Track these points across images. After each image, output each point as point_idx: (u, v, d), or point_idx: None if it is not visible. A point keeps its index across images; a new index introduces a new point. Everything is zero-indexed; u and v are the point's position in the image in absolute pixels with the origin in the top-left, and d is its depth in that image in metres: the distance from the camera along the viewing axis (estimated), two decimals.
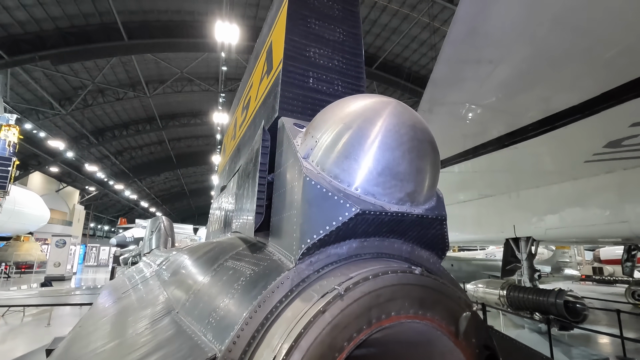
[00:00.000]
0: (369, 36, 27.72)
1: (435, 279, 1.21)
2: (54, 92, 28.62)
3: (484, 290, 9.16)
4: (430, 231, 1.47)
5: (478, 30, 2.81)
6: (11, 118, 22.67)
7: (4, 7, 20.28)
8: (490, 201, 10.29)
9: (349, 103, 1.34)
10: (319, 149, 1.35)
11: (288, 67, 1.80)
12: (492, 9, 2.57)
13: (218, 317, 1.35)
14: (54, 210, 38.10)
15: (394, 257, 1.43)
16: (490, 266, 17.40)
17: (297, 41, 1.86)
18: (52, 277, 19.04)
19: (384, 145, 1.22)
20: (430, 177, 1.35)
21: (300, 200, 1.27)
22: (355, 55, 2.03)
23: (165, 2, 23.27)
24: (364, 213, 1.22)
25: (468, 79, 3.53)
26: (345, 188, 1.27)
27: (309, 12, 1.94)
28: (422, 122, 1.33)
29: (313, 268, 1.26)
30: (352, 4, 2.14)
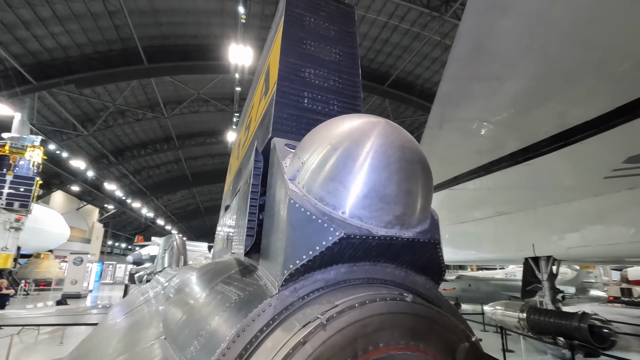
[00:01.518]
0: (380, 55, 28.08)
1: (428, 307, 1.13)
2: (77, 114, 29.84)
3: (502, 312, 8.74)
4: (424, 255, 1.40)
5: (482, 47, 2.78)
6: (36, 139, 23.65)
7: (34, 36, 21.53)
8: (507, 219, 9.98)
9: (337, 124, 1.31)
10: (305, 170, 1.31)
11: (282, 88, 1.81)
12: (495, 26, 2.55)
13: (199, 346, 1.30)
14: (74, 228, 39.03)
15: (386, 283, 1.36)
16: (510, 286, 16.72)
17: (292, 62, 1.87)
18: (68, 295, 19.31)
19: (370, 167, 1.18)
20: (421, 199, 1.29)
21: (285, 223, 1.23)
22: (352, 74, 2.03)
23: (183, 27, 24.27)
24: (349, 237, 1.17)
25: (475, 96, 3.48)
26: (330, 211, 1.22)
27: (305, 34, 1.95)
28: (412, 142, 1.28)
29: (297, 295, 1.20)
30: (348, 25, 2.15)
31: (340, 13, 2.17)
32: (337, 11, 2.16)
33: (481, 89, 3.36)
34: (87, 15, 21.35)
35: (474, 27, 2.61)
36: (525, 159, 5.19)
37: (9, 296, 13.63)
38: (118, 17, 21.78)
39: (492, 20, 2.50)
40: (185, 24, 24.04)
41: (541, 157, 4.97)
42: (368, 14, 24.01)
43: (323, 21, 2.05)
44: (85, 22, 21.81)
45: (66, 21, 21.31)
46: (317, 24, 2.02)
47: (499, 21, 2.49)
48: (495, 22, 2.50)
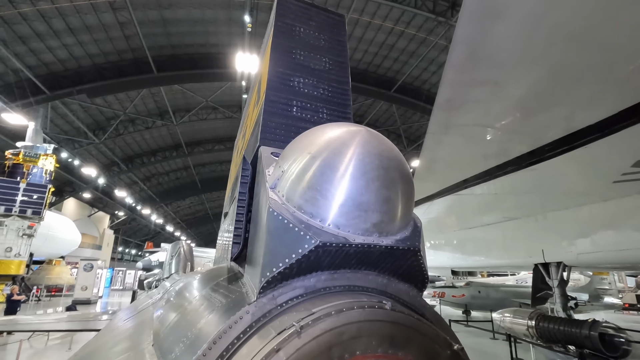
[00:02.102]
0: (386, 61, 28.15)
1: (409, 314, 1.12)
2: (89, 123, 30.46)
3: (511, 320, 8.56)
4: (405, 263, 1.39)
5: (479, 52, 2.77)
6: (49, 148, 24.19)
7: (48, 47, 22.13)
8: (515, 224, 9.83)
9: (317, 133, 1.32)
10: (284, 179, 1.33)
11: (271, 97, 1.83)
12: (490, 31, 2.54)
13: (179, 353, 1.31)
14: (85, 235, 39.63)
15: (368, 291, 1.35)
16: (521, 293, 16.39)
17: (281, 72, 1.90)
18: (78, 301, 19.57)
19: (347, 175, 1.18)
20: (400, 207, 1.29)
21: (264, 231, 1.25)
22: (342, 83, 2.04)
23: (191, 36, 24.71)
24: (324, 245, 1.18)
25: (475, 101, 3.46)
26: (308, 219, 1.23)
27: (294, 44, 1.98)
28: (392, 150, 1.27)
29: (276, 302, 1.21)
30: (339, 34, 2.17)
31: (330, 22, 2.20)
32: (328, 21, 2.19)
33: (481, 94, 3.34)
34: (99, 26, 21.89)
35: (469, 32, 2.61)
36: (530, 164, 5.13)
37: (20, 302, 13.89)
38: (128, 27, 22.28)
39: (487, 26, 2.49)
40: (194, 33, 24.47)
41: (547, 161, 4.90)
42: (374, 20, 24.15)
43: (313, 31, 2.07)
44: (96, 33, 22.36)
45: (78, 32, 21.87)
46: (307, 33, 2.05)
47: (493, 26, 2.48)
48: (490, 27, 2.50)
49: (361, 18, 24.01)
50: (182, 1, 21.54)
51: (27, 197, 21.21)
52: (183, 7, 22.02)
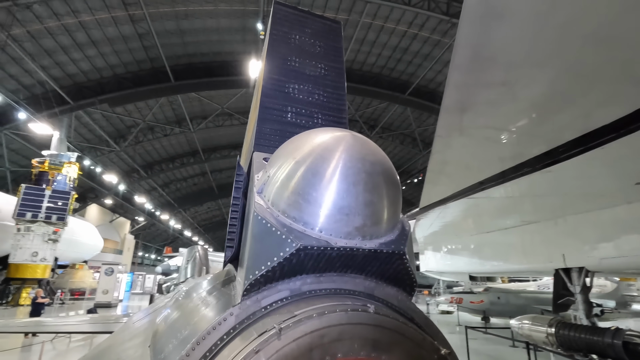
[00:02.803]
0: (400, 64, 28.03)
1: (394, 318, 1.11)
2: (110, 131, 31.51)
3: (529, 327, 8.26)
4: (391, 266, 1.38)
5: (483, 54, 2.73)
6: (72, 156, 25.13)
7: (72, 60, 23.09)
8: (534, 228, 9.55)
9: (302, 138, 1.35)
10: (270, 184, 1.35)
11: (265, 104, 1.87)
12: (493, 31, 2.49)
13: (167, 354, 1.34)
14: (107, 240, 40.79)
15: (354, 294, 1.35)
16: (542, 299, 15.84)
17: (276, 79, 1.93)
18: (100, 304, 20.11)
19: (328, 179, 1.20)
20: (385, 210, 1.29)
21: (249, 235, 1.28)
22: (337, 88, 2.06)
23: (207, 45, 25.30)
24: (305, 248, 1.19)
25: (483, 103, 3.40)
26: (291, 223, 1.25)
27: (289, 51, 2.01)
28: (376, 154, 1.27)
29: (260, 305, 1.22)
30: (335, 40, 2.19)
31: (326, 29, 2.22)
32: (324, 27, 2.22)
33: (488, 96, 3.28)
34: (119, 38, 22.71)
35: (472, 34, 2.57)
36: (546, 165, 4.99)
37: (44, 305, 14.40)
38: (147, 38, 23.02)
39: (489, 26, 2.45)
40: (209, 42, 25.05)
41: (563, 162, 4.76)
42: (387, 23, 24.12)
43: (309, 38, 2.10)
44: (117, 44, 23.19)
45: (100, 44, 22.74)
46: (303, 40, 2.08)
47: (495, 26, 2.44)
48: (492, 27, 2.46)
49: (374, 22, 24.03)
50: (198, 11, 22.11)
51: (52, 203, 22.03)
52: (199, 17, 22.59)
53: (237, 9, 22.20)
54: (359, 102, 33.12)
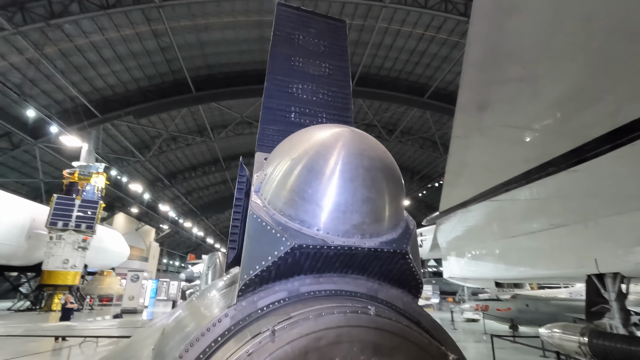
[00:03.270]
0: (418, 67, 27.73)
1: (397, 321, 1.05)
2: (136, 142, 32.66)
3: (560, 336, 7.83)
4: (394, 267, 1.33)
5: (497, 50, 2.62)
6: (100, 167, 26.18)
7: (99, 75, 24.17)
8: (564, 231, 9.12)
9: (299, 136, 1.32)
10: (267, 182, 1.33)
11: (268, 105, 1.87)
12: (506, 26, 2.39)
13: (164, 354, 1.32)
14: (133, 247, 42.04)
15: (356, 296, 1.30)
16: (574, 307, 15.03)
17: (279, 79, 1.93)
18: (126, 310, 20.69)
19: (324, 176, 1.15)
20: (386, 207, 1.23)
21: (246, 234, 1.25)
22: (342, 87, 2.03)
23: (226, 55, 25.91)
24: (301, 247, 1.16)
25: (500, 101, 3.27)
26: (286, 221, 1.22)
27: (293, 51, 2.01)
28: (375, 150, 1.23)
29: (256, 306, 1.19)
30: (339, 40, 2.17)
31: (331, 29, 2.21)
32: (328, 27, 2.20)
33: (506, 93, 3.16)
34: (143, 52, 23.62)
35: (484, 30, 2.48)
36: (572, 165, 4.77)
37: (73, 310, 14.93)
38: (169, 52, 23.82)
39: (502, 21, 2.35)
40: (229, 52, 25.65)
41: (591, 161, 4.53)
42: (403, 27, 23.98)
43: (313, 37, 2.09)
44: (141, 59, 24.12)
45: (125, 59, 23.71)
46: (307, 40, 2.07)
47: (509, 21, 2.35)
48: (505, 22, 2.36)
49: (390, 26, 23.94)
50: (217, 24, 22.71)
51: (82, 212, 22.95)
52: (218, 29, 23.20)
53: (255, 19, 22.66)
54: (377, 107, 32.91)
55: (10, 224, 21.34)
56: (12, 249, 22.06)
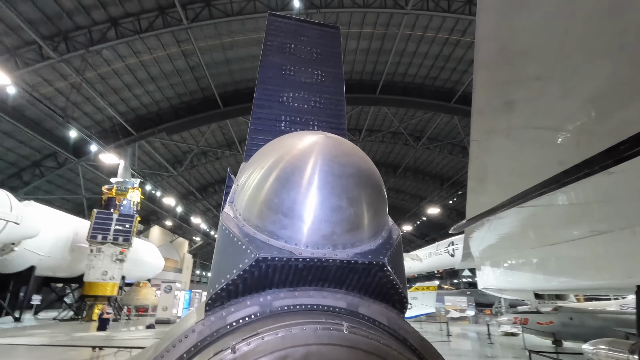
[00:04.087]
0: (444, 72, 27.20)
1: (374, 338, 0.96)
2: (168, 157, 34.09)
3: (606, 353, 7.18)
4: (373, 279, 1.23)
5: (510, 48, 2.47)
6: (135, 182, 27.49)
7: (134, 95, 25.61)
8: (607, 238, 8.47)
9: (272, 144, 1.26)
10: (238, 193, 1.28)
11: (257, 115, 1.85)
12: (516, 23, 2.25)
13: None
14: (168, 259, 43.51)
15: (334, 311, 1.22)
16: (626, 321, 13.80)
17: (270, 89, 1.91)
18: (160, 320, 21.31)
19: (291, 185, 1.10)
20: (361, 216, 1.15)
21: (215, 246, 1.22)
22: (335, 93, 1.97)
23: (252, 71, 26.63)
24: (266, 260, 1.10)
25: (519, 101, 3.08)
26: (254, 233, 1.17)
27: (283, 60, 1.99)
28: (350, 155, 1.15)
29: (225, 321, 1.14)
30: (332, 46, 2.13)
31: (324, 36, 2.17)
32: (322, 34, 2.17)
33: (526, 93, 2.98)
34: (174, 72, 24.80)
35: (493, 28, 2.35)
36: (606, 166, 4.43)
37: (109, 320, 15.56)
38: (198, 70, 24.85)
39: (511, 18, 2.23)
40: (254, 68, 26.34)
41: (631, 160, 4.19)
42: (427, 33, 23.68)
43: (305, 45, 2.07)
44: (172, 78, 25.32)
45: (158, 80, 24.99)
46: (299, 49, 2.05)
47: (518, 17, 2.21)
48: (515, 18, 2.23)
49: (413, 33, 23.71)
50: (243, 41, 23.48)
51: (119, 226, 24.11)
52: (243, 46, 23.98)
53: None
54: (402, 114, 32.50)
55: (55, 238, 22.77)
56: (57, 261, 23.49)
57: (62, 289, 30.54)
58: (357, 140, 34.99)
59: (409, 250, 49.11)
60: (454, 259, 26.67)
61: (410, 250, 46.14)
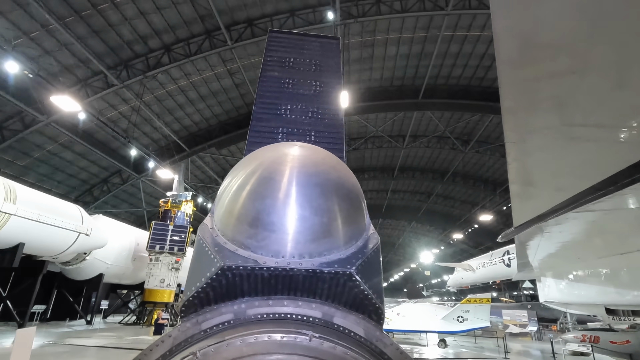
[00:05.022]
0: (491, 71, 25.86)
1: (344, 351, 0.92)
2: (218, 171, 35.93)
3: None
4: (344, 289, 1.20)
5: (534, 41, 2.29)
6: (188, 195, 29.29)
7: (186, 114, 27.49)
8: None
9: (249, 156, 1.29)
10: (215, 204, 1.33)
11: (255, 128, 1.90)
12: (537, 15, 2.08)
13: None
14: None
15: (307, 321, 1.19)
16: None
17: (268, 102, 1.96)
18: None
19: (256, 195, 1.11)
20: (327, 225, 1.13)
21: (192, 255, 1.27)
22: (333, 103, 1.96)
23: None
24: (230, 268, 1.12)
25: (554, 97, 2.83)
26: (225, 242, 1.20)
27: (282, 74, 2.03)
28: (319, 165, 1.15)
29: (200, 327, 1.16)
30: (332, 56, 2.13)
31: (324, 47, 2.19)
32: (321, 46, 2.19)
33: (558, 88, 2.74)
34: (221, 90, 26.29)
35: (512, 23, 2.19)
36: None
37: (164, 325, 16.55)
38: (243, 87, 26.11)
39: (531, 10, 2.07)
40: None
41: None
42: (470, 32, 22.77)
43: (304, 58, 2.10)
44: (219, 96, 26.86)
45: (207, 98, 26.64)
46: (298, 61, 2.08)
47: (539, 8, 2.04)
48: (536, 10, 2.06)
49: (455, 33, 22.93)
50: None
51: (175, 236, 25.77)
52: None
53: None
54: (448, 118, 31.32)
55: (120, 248, 24.99)
56: (121, 269, 25.69)
57: (126, 295, 33.24)
58: (400, 147, 34.31)
59: (460, 259, 46.58)
60: (510, 269, 24.84)
61: (462, 259, 43.73)
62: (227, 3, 19.90)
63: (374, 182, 43.98)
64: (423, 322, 20.02)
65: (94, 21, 19.02)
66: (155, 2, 18.97)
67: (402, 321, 20.61)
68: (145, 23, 20.03)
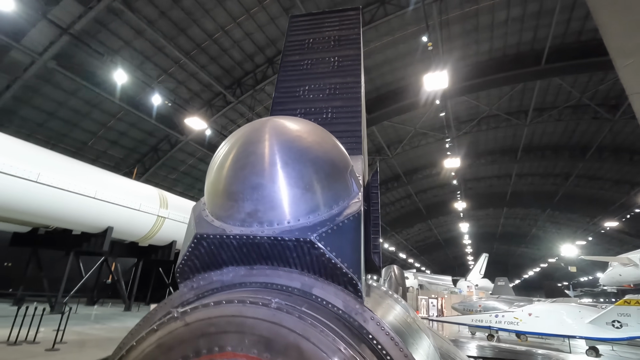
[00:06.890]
0: None
1: (302, 317, 0.95)
2: None
3: None
4: (312, 258, 1.21)
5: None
6: None
7: None
8: None
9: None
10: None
11: (274, 113, 1.95)
12: None
13: None
14: None
15: (287, 290, 1.24)
16: None
17: (288, 86, 2.00)
18: None
19: (222, 167, 1.23)
20: (287, 192, 1.17)
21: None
22: (352, 75, 1.89)
23: (391, 74, 26.83)
24: (202, 237, 1.23)
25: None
26: (206, 215, 1.31)
27: (301, 57, 2.04)
28: (284, 134, 1.20)
29: (195, 293, 1.31)
30: (352, 27, 2.03)
31: (343, 20, 2.14)
32: (340, 20, 2.15)
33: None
34: None
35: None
36: None
37: None
38: None
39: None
40: (393, 70, 26.43)
41: None
42: None
43: (323, 35, 2.08)
44: None
45: None
46: (317, 40, 2.08)
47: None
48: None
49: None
50: (378, 46, 23.89)
51: None
52: (379, 51, 24.38)
53: (412, 30, 22.55)
54: (584, 82, 25.90)
55: None
56: None
57: None
58: (522, 125, 29.96)
59: (619, 252, 37.88)
60: None
61: (620, 252, 35.56)
62: (318, 5, 20.61)
63: (493, 167, 39.55)
64: (563, 325, 17.04)
65: (212, 50, 22.18)
66: (257, 21, 20.98)
67: (535, 323, 17.98)
68: (250, 42, 22.36)
